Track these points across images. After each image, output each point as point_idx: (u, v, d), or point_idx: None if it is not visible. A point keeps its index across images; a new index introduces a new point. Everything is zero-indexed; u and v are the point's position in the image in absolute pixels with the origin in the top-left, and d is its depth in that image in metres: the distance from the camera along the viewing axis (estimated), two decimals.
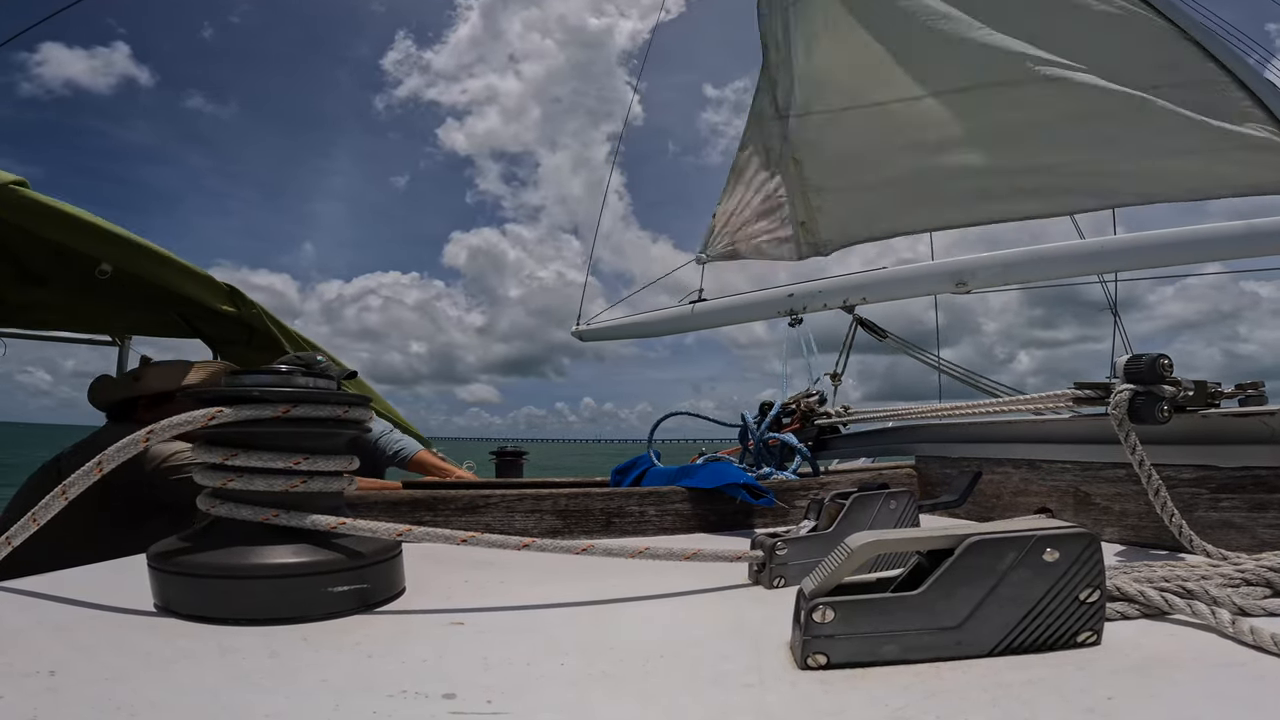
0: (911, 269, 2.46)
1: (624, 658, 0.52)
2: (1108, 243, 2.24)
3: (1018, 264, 2.28)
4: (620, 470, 1.48)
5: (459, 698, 0.44)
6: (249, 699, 0.43)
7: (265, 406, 0.65)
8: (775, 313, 2.64)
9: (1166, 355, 0.89)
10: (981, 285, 2.32)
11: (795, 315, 2.59)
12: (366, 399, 0.74)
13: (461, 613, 0.64)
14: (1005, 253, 2.33)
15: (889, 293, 2.46)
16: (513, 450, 3.90)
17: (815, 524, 0.85)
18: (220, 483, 0.65)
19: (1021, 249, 2.34)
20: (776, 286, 2.72)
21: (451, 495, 1.12)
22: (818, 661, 0.48)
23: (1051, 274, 2.30)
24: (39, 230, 1.85)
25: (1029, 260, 2.27)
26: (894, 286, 2.44)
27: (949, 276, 2.33)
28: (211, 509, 0.65)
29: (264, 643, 0.54)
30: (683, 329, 3.00)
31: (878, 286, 2.45)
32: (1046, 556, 0.50)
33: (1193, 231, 2.07)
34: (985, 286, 2.34)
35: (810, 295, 2.57)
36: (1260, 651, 0.50)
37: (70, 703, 0.42)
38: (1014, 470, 1.23)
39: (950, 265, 2.36)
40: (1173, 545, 0.86)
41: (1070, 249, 2.28)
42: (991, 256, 2.30)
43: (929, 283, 2.41)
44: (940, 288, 2.41)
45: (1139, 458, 0.85)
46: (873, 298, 2.48)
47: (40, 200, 1.80)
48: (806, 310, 2.58)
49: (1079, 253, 2.26)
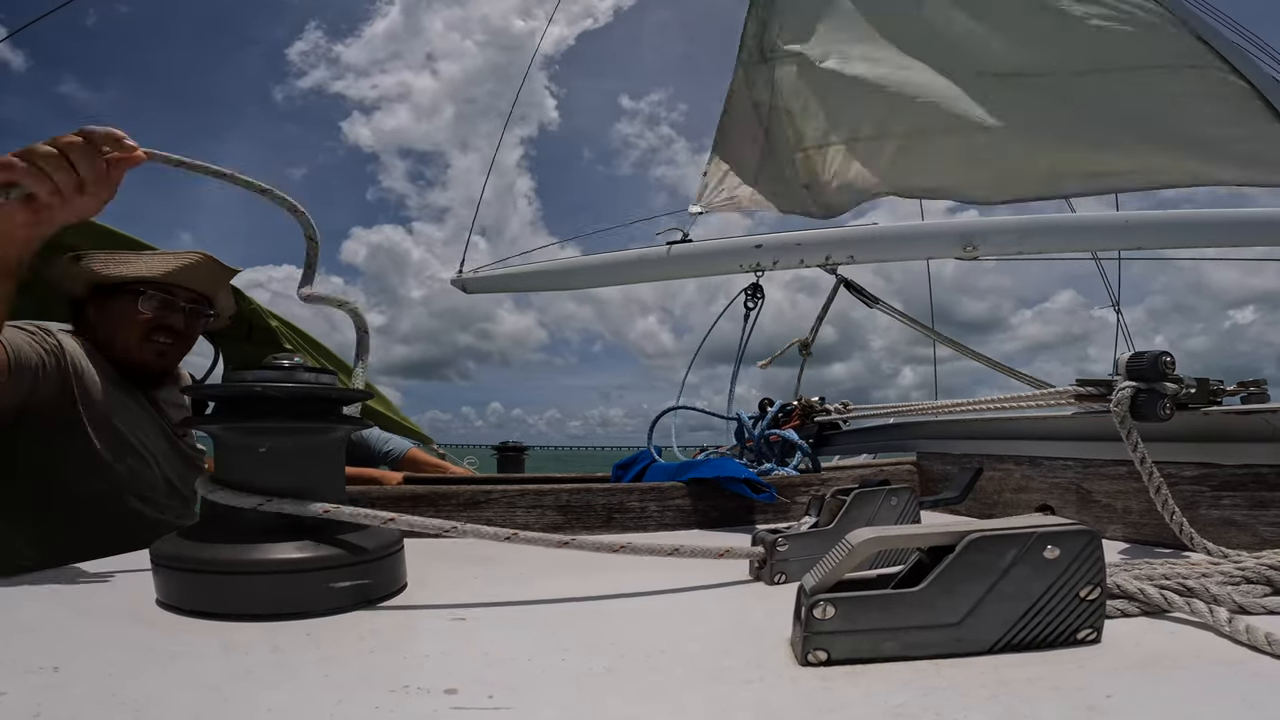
0: (913, 226, 2.18)
1: (625, 653, 0.53)
2: (1134, 217, 2.07)
3: (1035, 231, 2.06)
4: (622, 466, 1.48)
5: (461, 693, 0.44)
6: (252, 694, 0.44)
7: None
8: (738, 266, 2.29)
9: (1169, 353, 0.89)
10: (993, 251, 2.07)
11: (760, 269, 2.21)
12: (368, 394, 0.74)
13: (463, 608, 0.65)
14: (1023, 218, 2.10)
15: (883, 252, 2.14)
16: (514, 445, 3.91)
17: (816, 520, 0.85)
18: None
19: (1041, 216, 2.12)
20: (742, 236, 2.31)
21: (452, 491, 1.12)
22: (818, 658, 0.49)
23: (1069, 246, 2.11)
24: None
25: (1048, 229, 2.07)
26: (889, 245, 2.13)
27: (957, 239, 2.07)
28: (209, 494, 0.66)
29: (266, 638, 0.54)
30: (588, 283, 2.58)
31: (869, 244, 2.13)
32: (1047, 554, 0.50)
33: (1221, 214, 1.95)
34: (996, 253, 2.09)
35: (783, 248, 2.19)
36: (1255, 651, 0.50)
37: (74, 698, 0.42)
38: (1015, 467, 1.23)
39: (959, 226, 2.12)
40: (1174, 543, 0.86)
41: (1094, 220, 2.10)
42: (1006, 221, 2.09)
43: (933, 244, 2.12)
44: (944, 251, 2.12)
45: (1140, 455, 0.85)
46: (861, 257, 2.14)
47: None
48: (778, 265, 2.21)
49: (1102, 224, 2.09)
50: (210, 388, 0.72)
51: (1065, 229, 2.12)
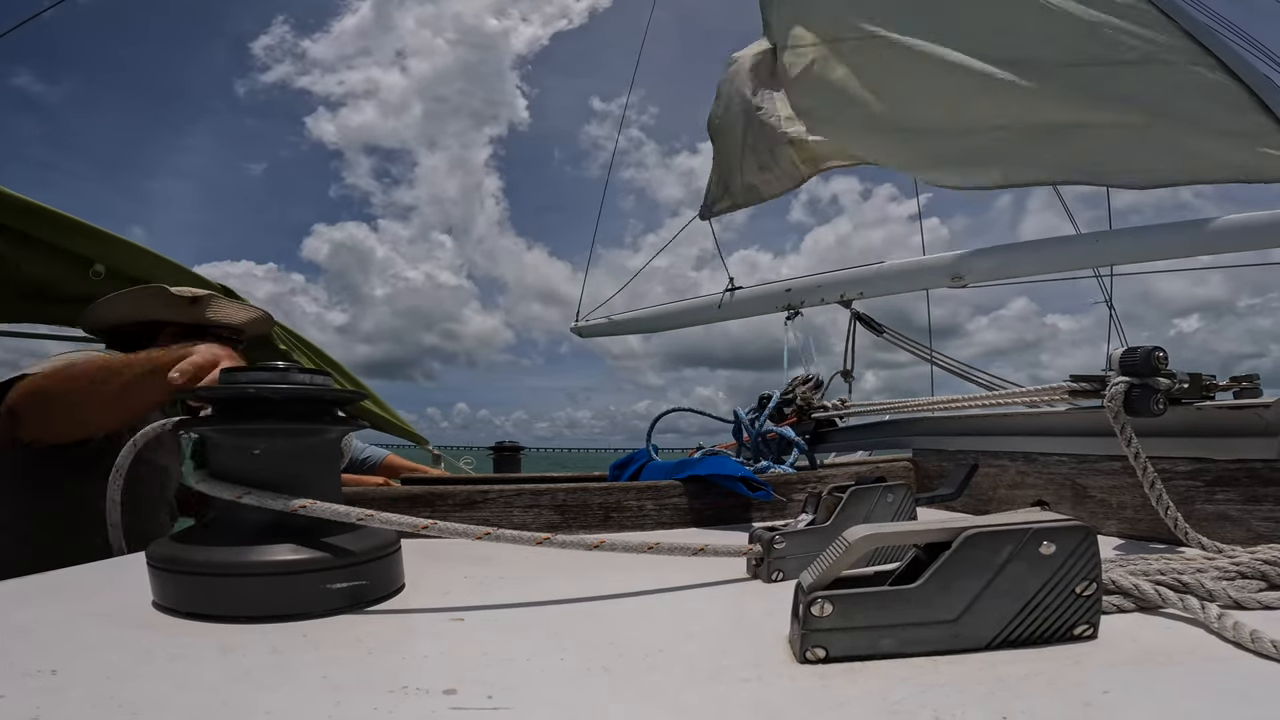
0: (908, 263, 2.48)
1: (623, 652, 0.53)
2: (1103, 235, 2.24)
3: (1015, 257, 2.27)
4: (619, 465, 1.48)
5: (459, 693, 0.44)
6: (250, 696, 0.44)
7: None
8: (774, 307, 2.69)
9: (1162, 348, 0.90)
10: (978, 279, 2.32)
11: (793, 309, 2.63)
12: (362, 395, 0.74)
13: (461, 609, 0.64)
14: (1002, 245, 2.32)
15: (886, 287, 2.48)
16: (510, 445, 3.90)
17: (813, 517, 0.85)
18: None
19: (1019, 242, 2.34)
20: (774, 282, 2.78)
21: (449, 491, 1.12)
22: (816, 655, 0.49)
23: (1049, 267, 2.29)
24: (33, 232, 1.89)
25: (1026, 253, 2.26)
26: (890, 281, 2.46)
27: (945, 271, 2.35)
28: (196, 483, 0.66)
29: (264, 640, 0.54)
30: (693, 322, 3.05)
31: (874, 281, 2.48)
32: (1043, 549, 0.50)
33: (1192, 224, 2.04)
34: (982, 280, 2.34)
35: (808, 290, 2.61)
36: (1239, 648, 0.50)
37: (71, 701, 0.42)
38: (1010, 463, 1.23)
39: (946, 260, 2.37)
40: (1169, 538, 0.86)
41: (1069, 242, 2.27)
42: (988, 250, 2.31)
43: (925, 277, 2.43)
44: (936, 282, 2.43)
45: (1134, 450, 0.85)
46: (870, 292, 2.50)
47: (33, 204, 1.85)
48: (805, 305, 2.62)
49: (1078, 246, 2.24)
50: (205, 389, 0.72)
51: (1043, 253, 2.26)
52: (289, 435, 0.67)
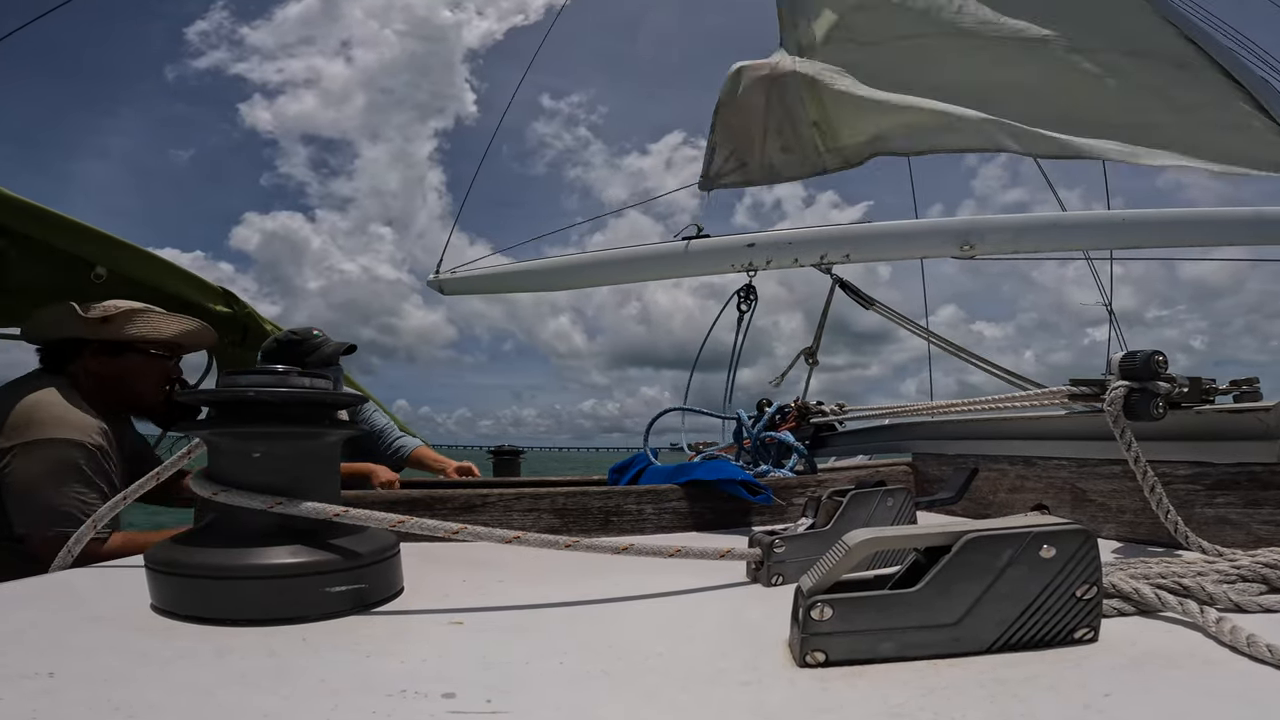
0: (910, 224, 2.14)
1: (623, 656, 0.52)
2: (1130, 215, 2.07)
3: (1032, 229, 2.06)
4: (618, 469, 1.48)
5: (458, 697, 0.44)
6: (247, 699, 0.43)
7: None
8: (729, 266, 2.24)
9: (1161, 352, 0.90)
10: (990, 250, 2.07)
11: (753, 269, 2.16)
12: (362, 398, 0.74)
13: (460, 612, 0.64)
14: (1020, 216, 2.11)
15: (879, 250, 2.12)
16: (510, 449, 3.90)
17: (813, 521, 0.85)
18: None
19: (1038, 215, 2.13)
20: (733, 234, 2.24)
21: (449, 495, 1.12)
22: (816, 659, 0.49)
23: (1065, 244, 2.12)
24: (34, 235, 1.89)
25: (1045, 227, 2.07)
26: (886, 243, 2.10)
27: (955, 236, 2.05)
28: (214, 496, 0.65)
29: (262, 643, 0.54)
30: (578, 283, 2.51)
31: (866, 242, 2.09)
32: (1043, 553, 0.50)
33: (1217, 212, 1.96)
34: (993, 251, 2.09)
35: (777, 247, 2.14)
36: (1236, 652, 0.50)
37: (69, 703, 0.42)
38: (1010, 467, 1.23)
39: (957, 224, 2.09)
40: (1169, 542, 0.86)
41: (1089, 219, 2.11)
42: (1005, 219, 2.09)
43: (930, 241, 2.09)
44: (942, 249, 2.10)
45: (1134, 454, 0.85)
46: (858, 255, 2.11)
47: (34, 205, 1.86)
48: (770, 265, 2.17)
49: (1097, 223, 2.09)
50: (203, 393, 0.71)
51: (1061, 227, 2.13)
52: (288, 439, 0.67)
